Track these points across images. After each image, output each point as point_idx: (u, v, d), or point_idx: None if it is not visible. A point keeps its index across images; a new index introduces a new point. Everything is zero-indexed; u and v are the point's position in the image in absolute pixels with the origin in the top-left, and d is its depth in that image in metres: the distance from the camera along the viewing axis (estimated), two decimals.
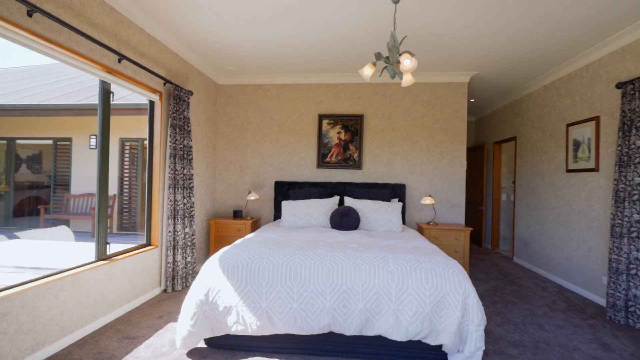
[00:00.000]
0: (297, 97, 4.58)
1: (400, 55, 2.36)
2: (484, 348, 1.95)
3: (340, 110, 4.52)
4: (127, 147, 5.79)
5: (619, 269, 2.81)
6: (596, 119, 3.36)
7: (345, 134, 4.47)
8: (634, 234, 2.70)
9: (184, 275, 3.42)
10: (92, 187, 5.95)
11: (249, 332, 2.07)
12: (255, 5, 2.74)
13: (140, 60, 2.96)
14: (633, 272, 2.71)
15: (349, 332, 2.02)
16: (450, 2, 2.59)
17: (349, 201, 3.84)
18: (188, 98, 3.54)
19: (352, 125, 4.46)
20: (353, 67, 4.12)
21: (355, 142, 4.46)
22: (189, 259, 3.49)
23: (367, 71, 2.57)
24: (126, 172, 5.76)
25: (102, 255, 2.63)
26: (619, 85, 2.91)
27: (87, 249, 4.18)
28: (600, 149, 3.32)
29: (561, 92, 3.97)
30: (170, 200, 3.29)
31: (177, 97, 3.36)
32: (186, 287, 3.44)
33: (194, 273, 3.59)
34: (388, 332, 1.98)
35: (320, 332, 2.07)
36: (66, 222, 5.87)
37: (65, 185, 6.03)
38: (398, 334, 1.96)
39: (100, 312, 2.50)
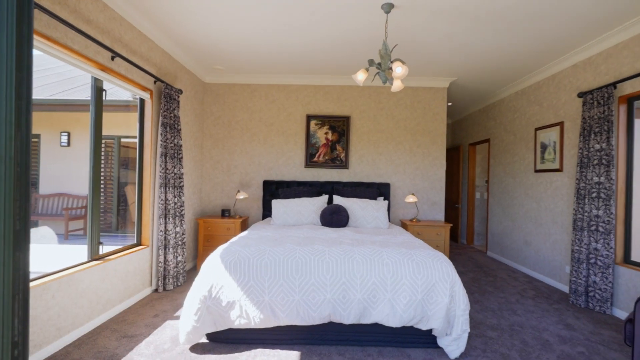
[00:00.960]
0: (286, 97, 4.66)
1: (392, 62, 2.53)
2: (468, 330, 2.16)
3: (328, 111, 4.65)
4: (103, 145, 5.60)
5: (580, 259, 3.16)
6: (561, 124, 3.72)
7: (332, 135, 4.61)
8: (593, 227, 3.05)
9: (175, 274, 3.41)
10: (63, 186, 5.69)
11: (252, 325, 2.15)
12: (248, 9, 2.80)
13: (132, 58, 2.93)
14: (592, 261, 3.06)
15: (347, 321, 2.16)
16: (434, 15, 2.80)
17: (337, 199, 3.98)
18: (178, 96, 3.53)
19: (339, 126, 4.61)
20: (341, 70, 4.26)
21: (342, 142, 4.61)
22: (179, 258, 3.48)
23: (360, 76, 2.72)
24: (102, 171, 5.56)
25: (94, 256, 2.60)
26: (580, 95, 3.26)
27: (66, 252, 4.03)
28: (564, 151, 3.69)
29: (530, 99, 4.33)
30: (162, 200, 3.27)
31: (168, 96, 3.35)
32: (178, 286, 3.44)
33: (185, 272, 3.59)
34: (384, 320, 2.14)
35: (321, 322, 2.19)
36: (34, 224, 5.58)
37: (33, 185, 5.73)
38: (393, 321, 2.12)
39: (94, 313, 2.48)
